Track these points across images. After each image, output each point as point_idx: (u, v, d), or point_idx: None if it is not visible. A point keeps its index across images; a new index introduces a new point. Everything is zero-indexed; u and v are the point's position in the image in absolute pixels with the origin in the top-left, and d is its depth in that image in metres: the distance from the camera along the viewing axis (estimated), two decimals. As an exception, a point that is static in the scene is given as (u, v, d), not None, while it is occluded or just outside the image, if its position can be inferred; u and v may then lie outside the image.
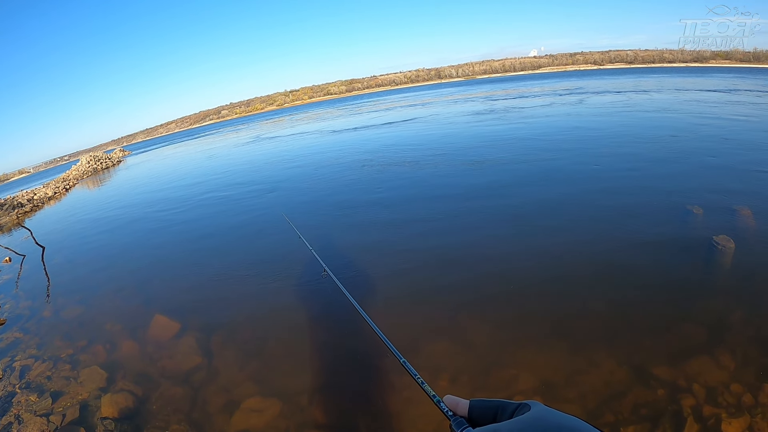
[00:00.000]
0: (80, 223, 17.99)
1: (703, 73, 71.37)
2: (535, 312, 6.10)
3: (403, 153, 18.88)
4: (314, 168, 19.04)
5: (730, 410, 4.07)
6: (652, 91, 37.26)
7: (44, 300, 9.74)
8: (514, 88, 65.33)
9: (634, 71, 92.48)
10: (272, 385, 5.46)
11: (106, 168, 50.25)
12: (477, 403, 0.90)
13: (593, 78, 73.79)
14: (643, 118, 21.07)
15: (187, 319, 7.44)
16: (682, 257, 6.98)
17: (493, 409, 0.85)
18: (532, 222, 9.03)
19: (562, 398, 4.48)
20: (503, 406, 0.84)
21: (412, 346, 5.74)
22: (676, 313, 5.68)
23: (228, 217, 13.67)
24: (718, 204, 8.60)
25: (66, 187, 35.13)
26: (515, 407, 0.80)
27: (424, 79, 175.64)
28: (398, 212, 10.90)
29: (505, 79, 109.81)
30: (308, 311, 6.93)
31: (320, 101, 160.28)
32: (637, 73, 77.16)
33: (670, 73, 75.82)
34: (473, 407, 0.89)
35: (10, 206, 26.79)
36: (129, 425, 5.16)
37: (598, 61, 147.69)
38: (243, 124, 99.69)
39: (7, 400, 5.98)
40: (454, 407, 0.91)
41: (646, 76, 66.22)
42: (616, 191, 10.21)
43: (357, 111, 61.92)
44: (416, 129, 27.62)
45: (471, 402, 0.91)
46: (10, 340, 7.86)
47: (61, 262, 12.53)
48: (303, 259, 8.77)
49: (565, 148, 15.37)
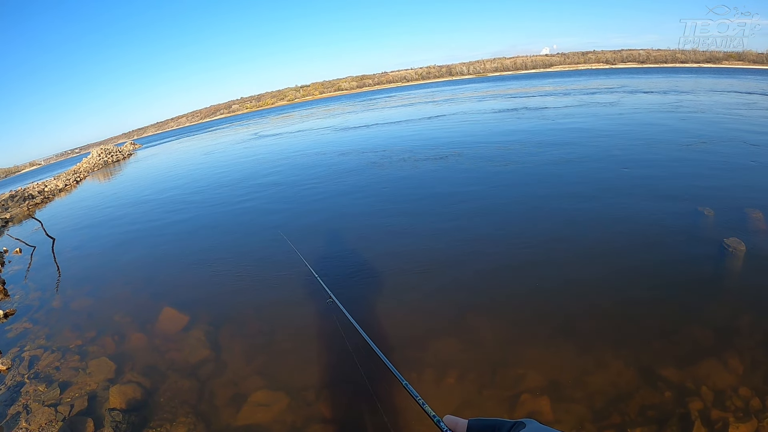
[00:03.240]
0: (90, 216, 18.14)
1: (729, 74, 69.57)
2: (543, 311, 6.10)
3: (423, 149, 18.84)
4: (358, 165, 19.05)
5: (738, 414, 4.05)
6: (694, 92, 35.57)
7: (54, 291, 9.83)
8: (540, 85, 62.22)
9: (659, 71, 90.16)
10: (279, 379, 5.49)
11: (116, 161, 50.58)
12: (475, 423, 0.95)
13: (614, 77, 70.57)
14: (675, 119, 20.55)
15: (196, 312, 7.49)
16: (691, 259, 6.93)
17: (490, 428, 0.91)
18: (543, 222, 9.02)
19: (569, 398, 4.47)
20: (500, 424, 0.89)
21: (420, 343, 5.77)
22: (684, 314, 5.66)
23: (238, 212, 13.76)
24: (730, 206, 8.53)
25: (77, 180, 35.39)
26: (511, 426, 0.86)
27: (435, 76, 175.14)
28: (410, 208, 10.93)
29: (519, 77, 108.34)
30: (316, 307, 6.94)
31: (331, 97, 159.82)
32: (658, 73, 75.30)
33: (695, 73, 73.60)
34: (471, 427, 0.95)
35: (21, 198, 27.04)
36: (137, 416, 5.20)
37: (610, 60, 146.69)
38: (254, 118, 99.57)
39: (16, 390, 6.04)
40: (454, 427, 0.97)
41: (674, 76, 63.66)
42: (628, 191, 10.17)
43: (379, 106, 60.63)
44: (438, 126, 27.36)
45: (469, 422, 0.96)
46: (19, 331, 7.94)
47: (71, 254, 12.64)
48: (312, 256, 8.81)
49: (582, 146, 15.29)
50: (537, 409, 4.39)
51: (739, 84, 43.63)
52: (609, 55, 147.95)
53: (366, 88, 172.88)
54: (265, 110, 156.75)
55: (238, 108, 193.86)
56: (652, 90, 38.13)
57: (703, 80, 49.56)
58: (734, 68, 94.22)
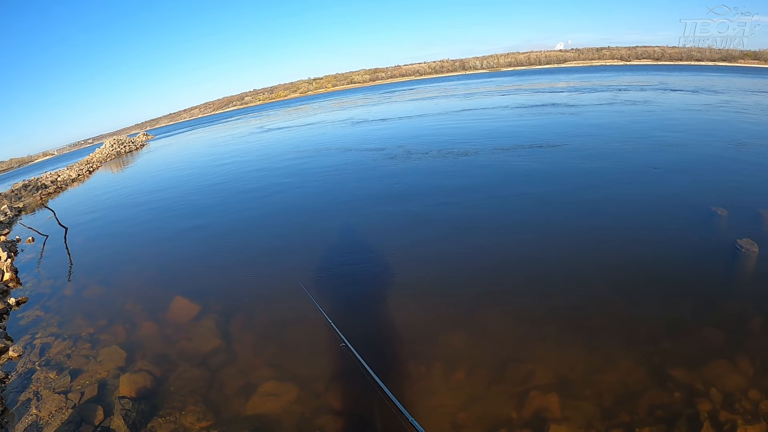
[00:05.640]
0: (103, 205, 18.29)
1: (748, 73, 67.67)
2: (553, 307, 6.08)
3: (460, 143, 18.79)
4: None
5: (747, 417, 4.02)
6: (728, 91, 33.04)
7: (66, 279, 9.94)
8: (561, 81, 59.55)
9: (677, 68, 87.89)
10: (289, 370, 5.53)
11: (129, 151, 50.73)
12: None
13: (639, 74, 67.72)
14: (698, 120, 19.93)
15: (207, 301, 7.54)
16: (704, 258, 6.89)
17: None
18: (555, 217, 9.00)
19: (578, 395, 4.47)
20: None
21: (429, 337, 5.79)
22: (695, 315, 5.62)
23: (253, 203, 13.85)
24: (744, 206, 8.45)
25: (89, 170, 35.58)
26: None
27: (449, 70, 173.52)
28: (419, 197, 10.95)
29: (534, 72, 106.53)
30: (327, 298, 6.97)
31: (344, 90, 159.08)
32: (678, 71, 72.99)
33: (714, 72, 71.62)
34: None
35: (34, 187, 27.26)
36: (146, 405, 5.25)
37: (624, 57, 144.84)
38: (267, 110, 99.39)
39: (27, 377, 6.13)
40: None
41: (698, 74, 60.82)
42: (644, 189, 10.13)
43: (399, 98, 59.80)
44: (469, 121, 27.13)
45: None
46: (31, 318, 8.04)
47: (83, 243, 12.76)
48: (324, 248, 8.87)
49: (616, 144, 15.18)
50: (545, 406, 4.38)
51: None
52: (624, 52, 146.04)
53: (379, 81, 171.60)
54: (277, 102, 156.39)
55: (251, 100, 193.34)
56: (683, 88, 36.52)
57: (732, 80, 47.67)
58: (753, 68, 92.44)
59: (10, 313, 8.36)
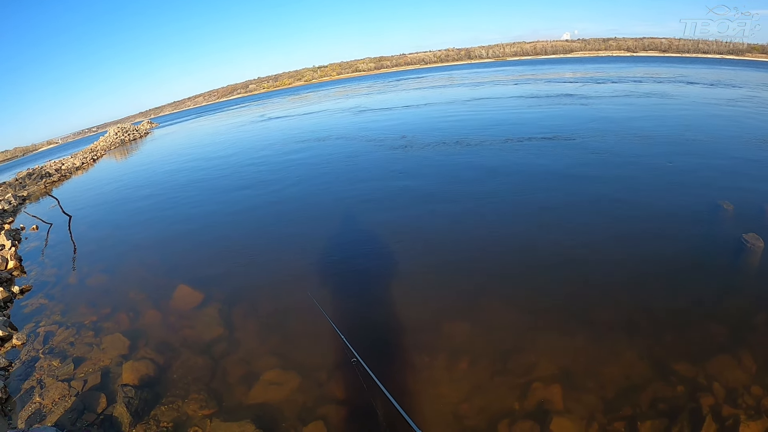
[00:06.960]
0: (107, 194, 18.34)
1: (759, 67, 66.50)
2: (557, 299, 6.08)
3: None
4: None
5: (749, 412, 4.01)
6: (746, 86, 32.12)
7: (70, 267, 9.98)
8: (569, 71, 58.31)
9: (685, 60, 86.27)
10: (292, 359, 5.54)
11: (133, 140, 50.69)
12: None
13: (652, 65, 65.77)
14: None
15: (210, 290, 7.54)
16: (709, 253, 6.84)
17: None
18: (560, 209, 8.96)
19: (581, 387, 4.46)
20: None
21: (433, 327, 5.80)
22: (699, 309, 5.61)
23: (255, 192, 13.83)
24: (750, 201, 8.40)
25: (94, 158, 35.62)
26: None
27: (454, 59, 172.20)
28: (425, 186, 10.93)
29: (542, 62, 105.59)
30: (331, 287, 6.98)
31: (349, 78, 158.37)
32: (687, 63, 71.70)
33: (722, 64, 70.72)
34: None
35: (38, 176, 27.31)
36: (149, 392, 5.27)
37: (631, 48, 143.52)
38: (271, 98, 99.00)
39: (31, 365, 6.16)
40: None
41: (711, 67, 59.76)
42: (651, 182, 10.08)
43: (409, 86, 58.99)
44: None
45: None
46: (35, 306, 8.06)
47: (87, 232, 12.76)
48: (329, 240, 8.87)
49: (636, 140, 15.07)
50: (548, 398, 4.38)
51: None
52: (630, 43, 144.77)
53: (384, 70, 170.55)
54: (282, 90, 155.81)
55: (255, 88, 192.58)
56: (700, 81, 35.89)
57: (749, 74, 46.53)
58: (763, 62, 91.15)
59: (14, 302, 8.38)
